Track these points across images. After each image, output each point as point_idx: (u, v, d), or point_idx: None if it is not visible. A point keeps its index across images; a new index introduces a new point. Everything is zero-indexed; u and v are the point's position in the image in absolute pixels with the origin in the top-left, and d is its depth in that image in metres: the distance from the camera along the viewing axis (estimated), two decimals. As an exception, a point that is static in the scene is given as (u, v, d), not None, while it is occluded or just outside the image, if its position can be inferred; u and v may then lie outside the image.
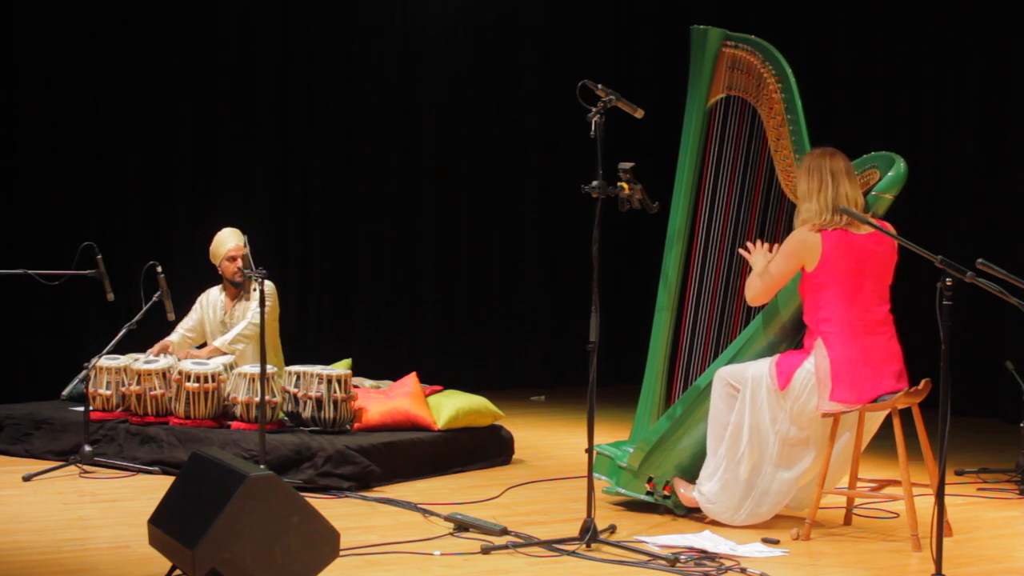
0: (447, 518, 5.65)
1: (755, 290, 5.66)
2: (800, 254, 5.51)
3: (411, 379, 7.22)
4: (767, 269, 5.62)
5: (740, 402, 5.61)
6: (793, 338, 5.82)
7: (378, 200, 10.08)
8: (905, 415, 5.47)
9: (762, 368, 5.59)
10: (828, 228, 5.45)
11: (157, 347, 7.30)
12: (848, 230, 5.46)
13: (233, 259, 7.31)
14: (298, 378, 6.75)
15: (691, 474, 5.85)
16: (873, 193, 5.67)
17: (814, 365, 5.47)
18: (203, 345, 7.47)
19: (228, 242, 7.34)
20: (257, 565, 4.24)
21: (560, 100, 9.82)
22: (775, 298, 5.81)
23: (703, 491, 5.68)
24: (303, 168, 9.83)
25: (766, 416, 5.56)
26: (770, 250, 5.70)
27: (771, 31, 6.33)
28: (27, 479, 6.42)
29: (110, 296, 6.90)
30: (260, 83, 9.62)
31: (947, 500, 5.35)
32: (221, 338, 7.30)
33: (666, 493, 5.83)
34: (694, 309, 5.94)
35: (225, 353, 7.15)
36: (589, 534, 5.22)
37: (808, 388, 5.48)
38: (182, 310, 7.45)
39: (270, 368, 6.47)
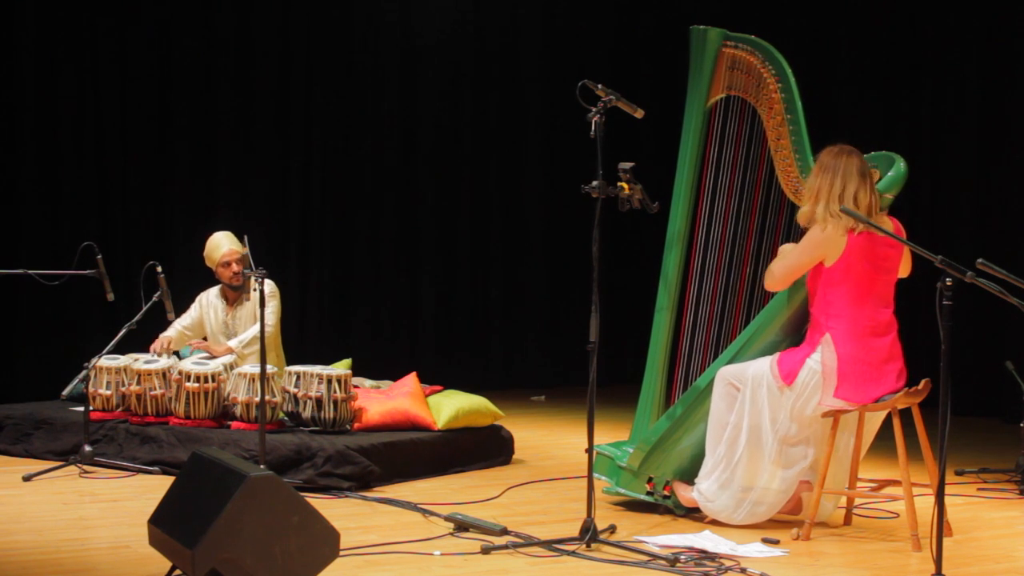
0: (447, 518, 5.65)
1: (772, 276, 5.63)
2: (823, 247, 5.46)
3: (411, 379, 7.22)
4: (786, 256, 5.58)
5: (740, 402, 5.61)
6: (794, 337, 5.82)
7: (378, 200, 10.08)
8: (905, 415, 5.48)
9: (763, 367, 5.59)
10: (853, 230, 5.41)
11: (158, 344, 7.29)
12: (872, 231, 5.43)
13: (227, 264, 7.27)
14: (298, 378, 6.75)
15: (691, 474, 5.85)
16: (874, 193, 5.67)
17: (820, 362, 5.46)
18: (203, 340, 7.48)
19: (222, 247, 7.29)
20: (257, 565, 4.24)
21: (560, 100, 9.83)
22: (777, 297, 5.82)
23: (701, 490, 5.68)
24: (303, 168, 9.83)
25: (766, 415, 5.56)
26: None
27: (771, 31, 6.33)
28: (27, 479, 6.42)
29: (110, 296, 6.90)
30: (260, 83, 9.62)
31: (947, 500, 5.35)
32: (236, 339, 7.28)
33: (666, 493, 5.83)
34: (694, 309, 5.94)
35: (236, 353, 7.15)
36: (589, 534, 5.22)
37: (811, 385, 5.47)
38: (182, 310, 7.44)
39: (270, 368, 6.47)
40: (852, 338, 5.44)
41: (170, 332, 7.39)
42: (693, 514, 5.80)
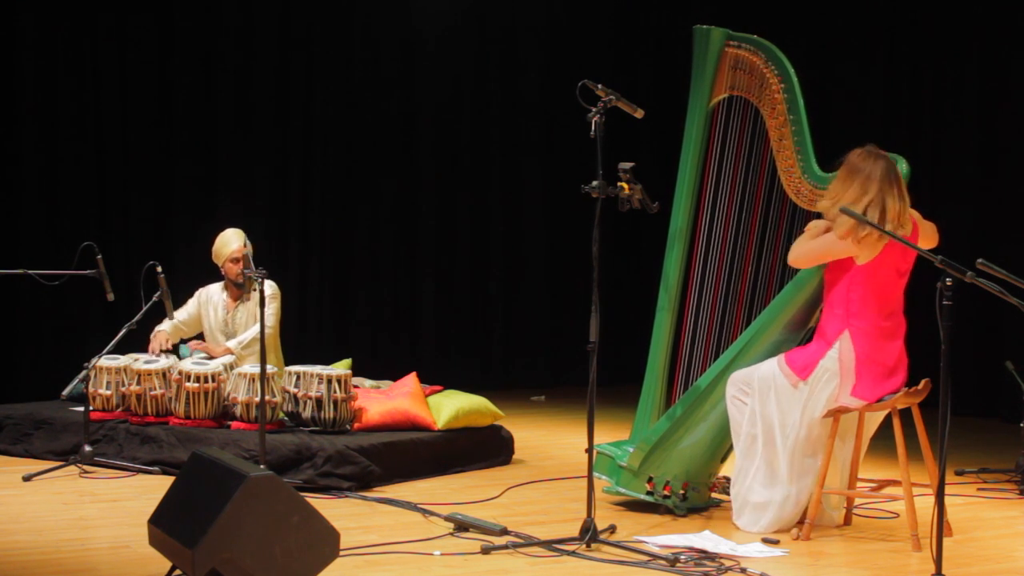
0: (447, 518, 5.65)
1: (800, 251, 5.56)
2: (859, 247, 5.44)
3: (411, 379, 7.22)
4: (823, 239, 5.51)
5: (751, 409, 5.58)
6: (797, 335, 5.83)
7: (378, 200, 10.08)
8: (905, 415, 5.48)
9: (771, 368, 5.57)
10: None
11: (155, 341, 7.28)
12: (878, 233, 5.43)
13: (236, 261, 7.28)
14: (298, 378, 6.75)
15: (691, 475, 5.86)
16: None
17: (837, 359, 5.43)
18: (199, 337, 7.48)
19: (231, 243, 7.31)
20: (257, 565, 4.24)
21: (560, 100, 9.82)
22: (779, 296, 5.82)
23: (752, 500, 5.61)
24: (303, 168, 9.83)
25: (775, 421, 5.53)
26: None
27: (771, 31, 6.32)
28: (27, 479, 6.42)
29: (110, 296, 6.90)
30: (260, 83, 9.62)
31: (947, 500, 5.35)
32: (235, 340, 7.28)
33: (666, 493, 5.83)
34: (695, 309, 5.94)
35: (234, 354, 7.15)
36: (589, 534, 5.22)
37: (823, 380, 5.46)
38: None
39: (270, 368, 6.47)
40: (872, 337, 5.43)
41: (164, 325, 7.38)
42: (693, 514, 5.80)
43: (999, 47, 8.98)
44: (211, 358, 7.04)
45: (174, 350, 7.34)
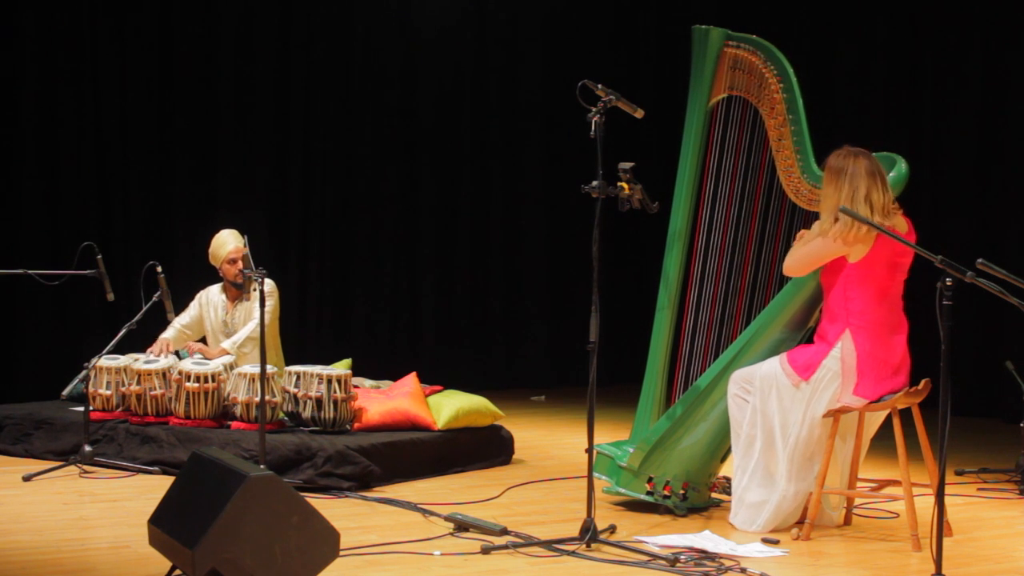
0: (447, 518, 5.65)
1: (794, 259, 5.58)
2: (850, 243, 5.45)
3: (411, 379, 7.22)
4: (810, 244, 5.53)
5: (752, 408, 5.58)
6: (797, 334, 5.82)
7: (378, 200, 10.08)
8: (905, 415, 5.48)
9: (773, 367, 5.57)
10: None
11: (157, 347, 7.29)
12: (895, 228, 5.43)
13: (233, 262, 7.29)
14: (298, 378, 6.75)
15: (691, 474, 5.86)
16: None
17: (839, 359, 5.43)
18: (201, 339, 7.48)
19: (227, 244, 7.31)
20: (257, 565, 4.24)
21: (560, 100, 9.82)
22: (779, 295, 5.82)
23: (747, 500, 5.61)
24: (303, 168, 9.83)
25: (775, 419, 5.53)
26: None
27: (771, 31, 6.32)
28: (27, 479, 6.42)
29: (110, 296, 6.89)
30: (260, 82, 9.62)
31: (947, 500, 5.35)
32: (230, 340, 7.29)
33: (666, 493, 5.83)
34: (694, 309, 5.95)
35: (232, 354, 7.15)
36: (589, 534, 5.22)
37: (825, 380, 5.46)
38: (182, 310, 7.44)
39: (270, 368, 6.47)
40: (872, 336, 5.43)
41: (168, 333, 7.38)
42: (693, 514, 5.80)
43: (999, 47, 8.97)
44: (209, 359, 7.04)
45: (174, 351, 7.34)
